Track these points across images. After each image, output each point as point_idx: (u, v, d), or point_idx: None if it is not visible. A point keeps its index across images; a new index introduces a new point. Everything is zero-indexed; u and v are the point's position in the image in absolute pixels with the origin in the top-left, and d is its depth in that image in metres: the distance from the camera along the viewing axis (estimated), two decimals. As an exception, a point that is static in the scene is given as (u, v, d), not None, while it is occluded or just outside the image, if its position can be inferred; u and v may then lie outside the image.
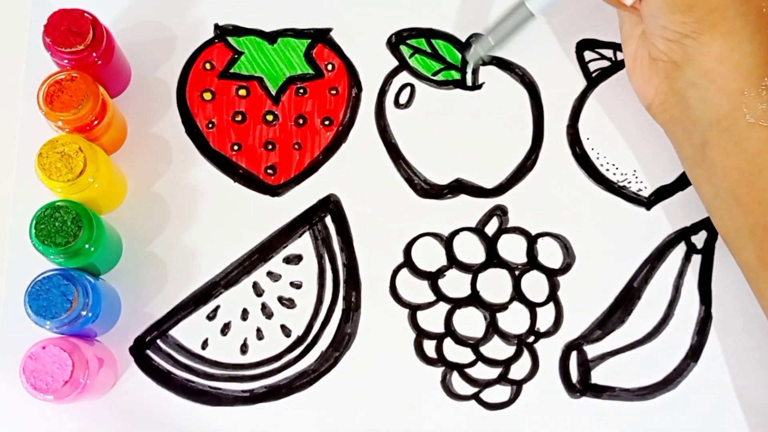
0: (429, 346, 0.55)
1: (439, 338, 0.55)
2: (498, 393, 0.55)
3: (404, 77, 0.59)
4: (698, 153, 0.51)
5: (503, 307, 0.56)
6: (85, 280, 0.50)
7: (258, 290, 0.56)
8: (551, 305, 0.56)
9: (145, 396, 0.54)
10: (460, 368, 0.55)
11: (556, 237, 0.56)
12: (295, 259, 0.56)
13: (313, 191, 0.57)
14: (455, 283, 0.56)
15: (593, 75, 0.59)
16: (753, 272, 0.50)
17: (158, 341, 0.55)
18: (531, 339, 0.55)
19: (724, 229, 0.52)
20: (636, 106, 0.56)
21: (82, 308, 0.50)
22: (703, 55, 0.49)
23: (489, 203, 0.57)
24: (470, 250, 0.56)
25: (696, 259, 0.56)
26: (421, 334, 0.55)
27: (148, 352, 0.55)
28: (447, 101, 0.59)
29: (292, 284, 0.56)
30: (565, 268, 0.56)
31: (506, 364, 0.55)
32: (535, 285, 0.56)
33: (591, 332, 0.55)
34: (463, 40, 0.59)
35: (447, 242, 0.56)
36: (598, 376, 0.55)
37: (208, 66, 0.59)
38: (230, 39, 0.59)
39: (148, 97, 0.58)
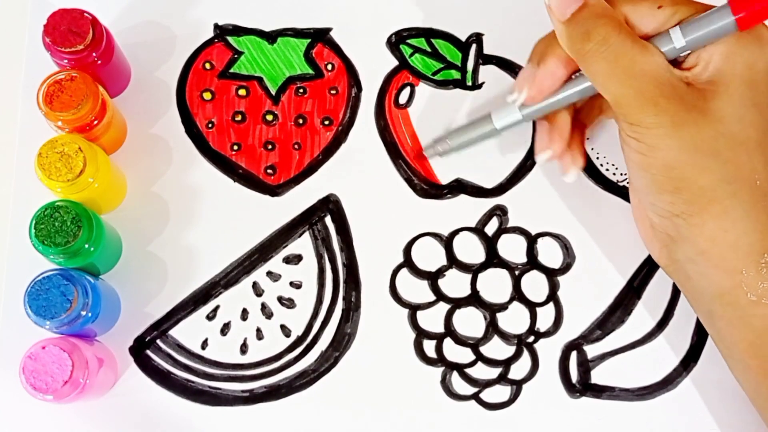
0: (429, 346, 0.55)
1: (439, 338, 0.55)
2: (498, 393, 0.54)
3: (404, 77, 0.59)
4: (706, 319, 0.50)
5: (503, 307, 0.56)
6: (85, 280, 0.50)
7: (258, 290, 0.56)
8: (551, 305, 0.56)
9: (144, 396, 0.54)
10: (460, 368, 0.55)
11: (556, 237, 0.56)
12: (294, 259, 0.56)
13: (312, 191, 0.57)
14: (455, 283, 0.56)
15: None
16: None
17: (158, 341, 0.55)
18: (531, 339, 0.55)
19: (743, 385, 0.50)
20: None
21: (82, 308, 0.50)
22: (696, 235, 0.47)
23: (489, 203, 0.57)
24: (470, 250, 0.56)
25: (696, 259, 0.56)
26: (421, 334, 0.55)
27: (148, 352, 0.55)
28: (447, 101, 0.58)
29: (291, 284, 0.56)
30: (565, 268, 0.56)
31: (506, 364, 0.55)
32: (535, 285, 0.56)
33: (591, 332, 0.55)
34: (463, 40, 0.59)
35: (447, 242, 0.56)
36: (597, 376, 0.55)
37: (207, 66, 0.59)
38: (230, 39, 0.59)
39: (147, 97, 0.58)
